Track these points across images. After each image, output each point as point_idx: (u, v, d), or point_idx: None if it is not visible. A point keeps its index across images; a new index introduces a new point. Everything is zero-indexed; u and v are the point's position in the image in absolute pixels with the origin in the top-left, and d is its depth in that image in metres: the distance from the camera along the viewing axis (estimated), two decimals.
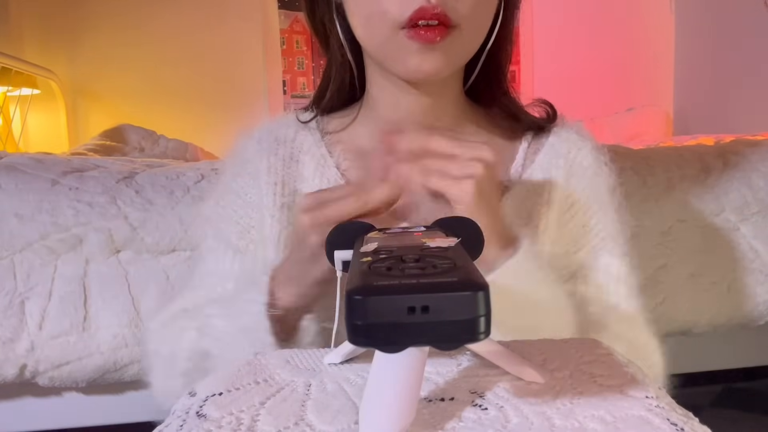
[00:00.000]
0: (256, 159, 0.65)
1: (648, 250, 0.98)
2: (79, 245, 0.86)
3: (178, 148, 2.02)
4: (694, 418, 0.31)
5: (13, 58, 2.04)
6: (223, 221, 0.65)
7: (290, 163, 0.65)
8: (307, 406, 0.33)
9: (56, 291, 0.84)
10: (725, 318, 1.01)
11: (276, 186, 0.63)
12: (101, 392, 0.96)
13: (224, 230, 0.64)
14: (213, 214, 0.66)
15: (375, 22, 0.55)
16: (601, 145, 0.67)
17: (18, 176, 0.89)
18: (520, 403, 0.32)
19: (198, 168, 0.98)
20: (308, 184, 0.64)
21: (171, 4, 2.59)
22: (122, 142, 1.87)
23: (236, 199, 0.64)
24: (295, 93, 2.73)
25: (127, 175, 0.93)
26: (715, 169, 1.03)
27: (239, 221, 0.64)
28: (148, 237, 0.87)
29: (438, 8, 0.52)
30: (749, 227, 1.00)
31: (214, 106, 2.61)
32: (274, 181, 0.63)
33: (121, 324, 0.85)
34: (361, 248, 0.32)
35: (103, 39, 2.56)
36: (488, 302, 0.24)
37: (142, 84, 2.59)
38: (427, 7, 0.51)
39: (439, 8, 0.52)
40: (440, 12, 0.52)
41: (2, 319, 0.83)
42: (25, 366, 0.84)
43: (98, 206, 0.87)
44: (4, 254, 0.84)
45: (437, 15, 0.52)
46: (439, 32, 0.52)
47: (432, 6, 0.51)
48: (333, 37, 0.63)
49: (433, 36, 0.52)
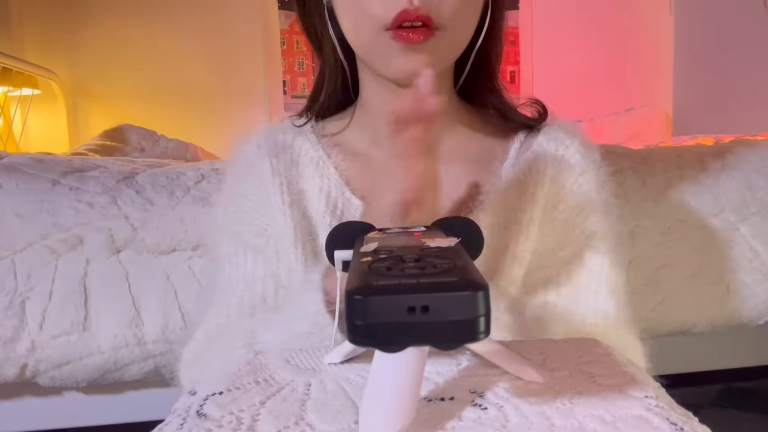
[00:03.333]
0: (258, 162, 0.65)
1: (647, 250, 0.98)
2: (80, 245, 0.86)
3: (179, 149, 2.01)
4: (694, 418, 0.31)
5: (13, 58, 2.04)
6: (237, 224, 0.65)
7: (291, 166, 0.65)
8: (307, 405, 0.33)
9: (57, 291, 0.84)
10: (725, 318, 1.01)
11: (282, 186, 0.64)
12: (101, 392, 0.96)
13: (240, 232, 0.64)
14: (225, 220, 0.66)
15: (361, 24, 0.57)
16: (590, 142, 0.67)
17: (19, 176, 0.90)
18: (520, 403, 0.32)
19: (198, 168, 0.98)
20: (310, 184, 0.65)
21: (171, 5, 2.58)
22: (122, 143, 1.87)
23: (246, 202, 0.65)
24: (295, 93, 2.72)
25: (128, 175, 0.93)
26: (714, 169, 1.03)
27: (253, 222, 0.64)
28: (149, 237, 0.87)
29: (421, 10, 0.53)
30: (749, 227, 1.00)
31: (215, 106, 2.60)
32: (279, 181, 0.64)
33: (122, 324, 0.85)
34: (361, 248, 0.32)
35: (103, 39, 2.56)
36: (488, 302, 0.24)
37: (143, 84, 2.58)
38: (410, 9, 0.52)
39: (421, 10, 0.53)
40: (423, 14, 0.53)
41: (3, 319, 0.83)
42: (25, 366, 0.84)
43: (99, 206, 0.87)
44: (4, 254, 0.84)
45: (420, 17, 0.53)
46: (422, 33, 0.53)
47: (415, 8, 0.52)
48: (326, 41, 0.64)
49: (417, 37, 0.53)
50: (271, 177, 0.64)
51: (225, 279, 0.64)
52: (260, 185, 0.64)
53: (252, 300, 0.62)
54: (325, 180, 0.65)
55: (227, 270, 0.64)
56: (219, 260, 0.65)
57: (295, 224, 0.62)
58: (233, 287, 0.63)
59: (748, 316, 1.01)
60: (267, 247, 0.63)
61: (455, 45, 0.59)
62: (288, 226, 0.62)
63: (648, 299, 0.98)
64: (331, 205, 0.63)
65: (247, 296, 0.62)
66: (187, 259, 0.88)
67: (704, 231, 1.00)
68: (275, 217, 0.63)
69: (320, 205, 0.64)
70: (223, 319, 0.61)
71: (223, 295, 0.63)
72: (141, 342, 0.86)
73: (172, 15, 2.59)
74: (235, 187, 0.66)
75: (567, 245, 0.63)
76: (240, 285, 0.62)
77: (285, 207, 0.63)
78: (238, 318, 0.61)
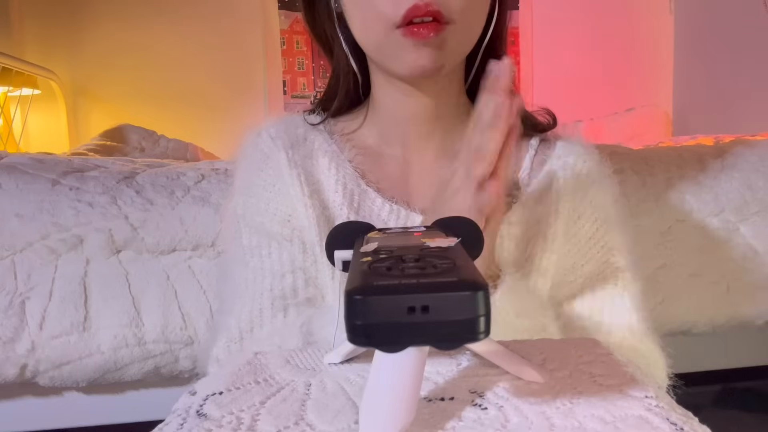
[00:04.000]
0: (274, 153, 0.64)
1: (647, 250, 0.98)
2: (80, 245, 0.86)
3: (179, 149, 2.01)
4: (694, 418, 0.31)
5: (13, 58, 2.04)
6: (259, 214, 0.63)
7: (306, 158, 0.65)
8: (307, 405, 0.33)
9: (57, 291, 0.84)
10: (725, 318, 1.01)
11: (300, 177, 0.63)
12: (101, 392, 0.96)
13: (263, 222, 0.62)
14: (245, 211, 0.64)
15: (371, 23, 0.57)
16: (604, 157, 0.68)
17: (18, 176, 0.90)
18: (520, 403, 0.32)
19: (198, 168, 0.98)
20: (326, 176, 0.64)
21: (171, 5, 2.59)
22: (122, 142, 1.87)
23: (265, 192, 0.63)
24: (295, 93, 2.72)
25: (128, 175, 0.93)
26: (714, 169, 1.03)
27: (276, 212, 0.62)
28: (149, 237, 0.87)
29: (431, 6, 0.53)
30: (749, 227, 1.00)
31: (215, 106, 2.60)
32: (297, 172, 0.63)
33: (122, 324, 0.85)
34: (361, 248, 0.32)
35: (103, 39, 2.56)
36: (488, 302, 0.24)
37: (143, 84, 2.59)
38: (420, 5, 0.53)
39: (432, 6, 0.53)
40: (433, 9, 0.53)
41: (3, 319, 0.83)
42: (25, 366, 0.84)
43: (99, 206, 0.87)
44: (4, 254, 0.84)
45: (430, 12, 0.53)
46: (432, 28, 0.54)
47: (425, 4, 0.53)
48: (336, 44, 0.65)
49: (427, 32, 0.53)
50: (289, 168, 0.63)
51: (250, 273, 0.62)
52: (278, 176, 0.63)
53: (282, 292, 0.60)
54: (341, 172, 0.64)
55: (251, 263, 0.62)
56: (240, 254, 0.63)
57: (317, 215, 0.61)
58: (260, 280, 0.61)
59: (749, 316, 1.01)
60: (293, 237, 0.62)
61: (465, 39, 0.59)
62: (311, 218, 0.61)
63: (648, 299, 0.98)
64: (348, 197, 0.63)
65: (277, 288, 0.60)
66: (187, 259, 0.88)
67: (704, 231, 1.00)
68: (296, 209, 0.62)
69: (337, 197, 0.63)
70: (255, 313, 0.60)
71: (251, 289, 0.61)
72: (141, 342, 0.86)
73: (173, 15, 2.59)
74: (252, 179, 0.65)
75: (590, 260, 0.63)
76: (267, 278, 0.61)
77: (306, 198, 0.62)
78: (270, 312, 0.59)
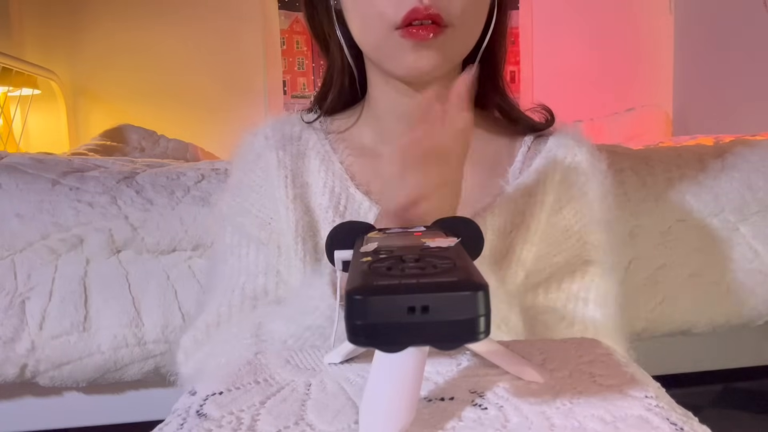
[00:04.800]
0: (265, 153, 0.66)
1: (647, 250, 0.98)
2: (80, 245, 0.86)
3: (179, 149, 2.02)
4: (694, 418, 0.31)
5: (13, 58, 2.04)
6: (241, 215, 0.65)
7: (297, 159, 0.66)
8: (307, 405, 0.33)
9: (57, 291, 0.84)
10: (725, 318, 1.01)
11: (287, 179, 0.64)
12: (101, 392, 0.96)
13: (244, 223, 0.64)
14: (230, 210, 0.66)
15: (371, 23, 0.57)
16: (598, 151, 0.67)
17: (19, 176, 0.90)
18: (520, 403, 0.32)
19: (198, 168, 0.98)
20: (315, 178, 0.65)
21: (171, 5, 2.58)
22: (123, 142, 1.87)
23: (251, 193, 0.65)
24: (295, 93, 2.72)
25: (128, 175, 0.93)
26: (714, 169, 1.03)
27: (258, 214, 0.64)
28: (149, 237, 0.87)
29: (431, 8, 0.53)
30: (749, 227, 1.00)
31: (215, 106, 2.60)
32: (285, 174, 0.64)
33: (122, 324, 0.85)
34: (361, 248, 0.32)
35: (103, 39, 2.56)
36: (488, 302, 0.24)
37: (143, 84, 2.58)
38: (420, 7, 0.53)
39: (431, 8, 0.53)
40: (433, 12, 0.53)
41: (3, 319, 0.83)
42: (25, 366, 0.84)
43: (99, 206, 0.87)
44: (4, 254, 0.84)
45: (430, 15, 0.53)
46: (432, 30, 0.54)
47: (425, 6, 0.53)
48: (333, 41, 0.65)
49: (426, 34, 0.54)
50: (277, 169, 0.64)
51: (228, 269, 0.64)
52: (266, 177, 0.65)
53: (254, 292, 0.62)
54: (329, 175, 0.65)
55: (230, 261, 0.64)
56: (222, 250, 0.65)
57: (297, 219, 0.63)
58: (235, 278, 0.63)
59: (749, 316, 1.01)
60: (270, 241, 0.63)
61: (464, 42, 0.59)
62: (290, 221, 0.63)
63: (648, 299, 0.98)
64: (335, 200, 0.64)
65: (249, 288, 0.62)
66: (187, 259, 0.88)
67: (704, 231, 1.00)
68: (278, 211, 0.63)
69: (323, 200, 0.64)
70: (224, 308, 0.61)
71: (224, 285, 0.63)
72: (141, 342, 0.86)
73: (173, 15, 2.59)
74: (242, 178, 0.66)
75: (562, 251, 0.63)
76: (242, 276, 0.62)
77: (288, 201, 0.63)
78: (239, 309, 0.61)
